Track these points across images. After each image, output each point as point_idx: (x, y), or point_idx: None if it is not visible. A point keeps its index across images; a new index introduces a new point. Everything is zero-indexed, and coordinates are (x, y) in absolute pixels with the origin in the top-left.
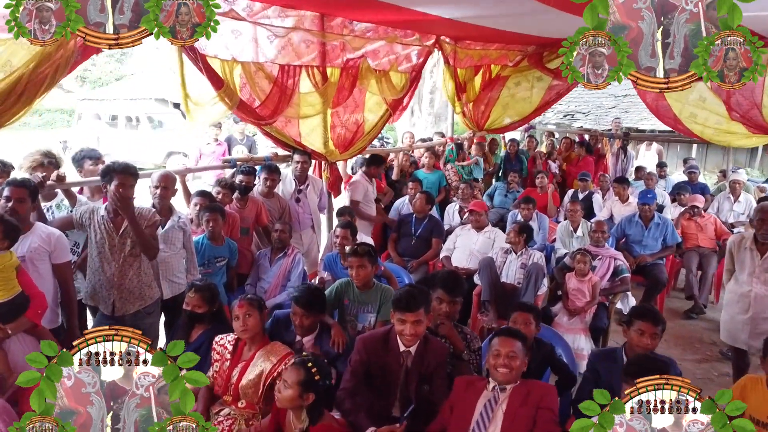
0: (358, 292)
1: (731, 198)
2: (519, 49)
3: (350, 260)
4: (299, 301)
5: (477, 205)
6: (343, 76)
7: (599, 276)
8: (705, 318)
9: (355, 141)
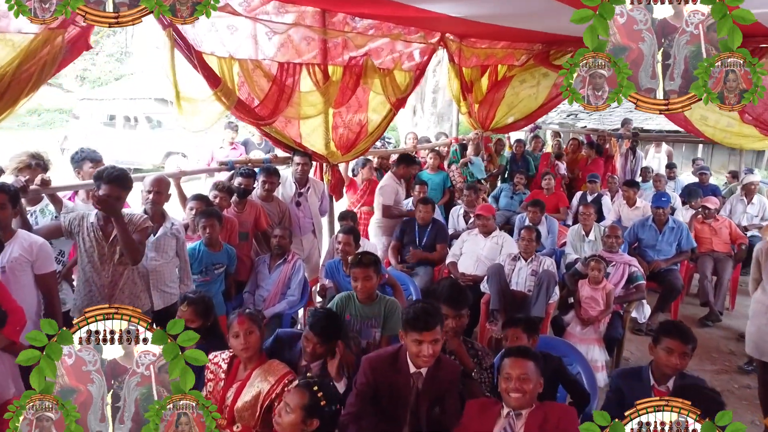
0: (361, 305)
1: (744, 200)
2: (525, 47)
3: (354, 271)
4: (315, 328)
5: (484, 209)
6: (346, 75)
7: (613, 283)
8: (721, 326)
9: (357, 142)
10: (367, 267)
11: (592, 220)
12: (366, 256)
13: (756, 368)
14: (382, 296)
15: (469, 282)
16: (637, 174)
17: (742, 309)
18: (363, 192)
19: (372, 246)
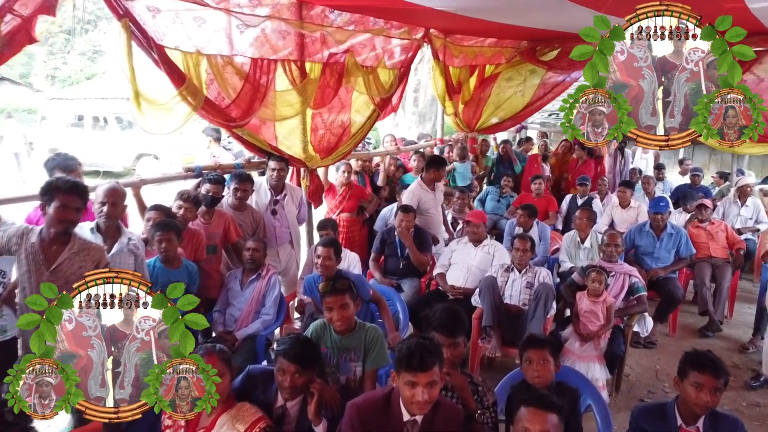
0: (338, 336)
1: (738, 203)
2: (512, 45)
3: (327, 300)
4: (289, 355)
5: (474, 216)
6: (327, 73)
7: (613, 295)
8: (722, 336)
9: (339, 145)
10: (342, 294)
11: (589, 226)
12: (340, 282)
13: (762, 384)
14: (361, 324)
15: (459, 295)
16: (626, 175)
17: (741, 317)
18: (342, 197)
19: (354, 258)
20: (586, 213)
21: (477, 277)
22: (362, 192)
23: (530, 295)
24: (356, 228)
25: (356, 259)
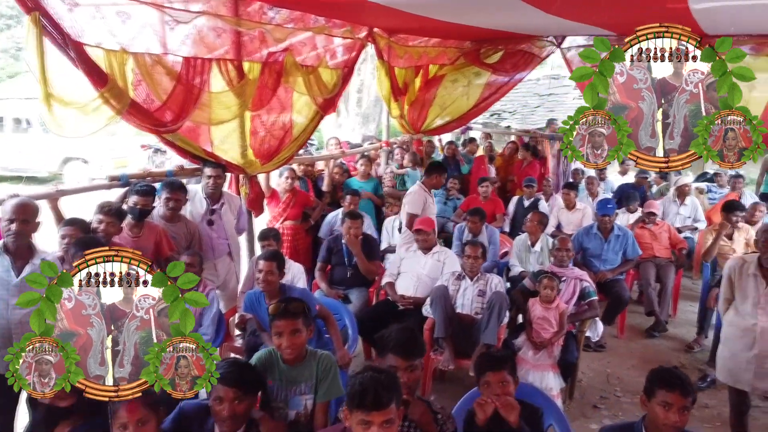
0: (287, 367)
1: (677, 202)
2: (456, 45)
3: (278, 324)
4: (226, 379)
5: (424, 223)
6: (265, 73)
7: (564, 300)
8: (668, 336)
9: (281, 149)
10: (295, 318)
11: (540, 229)
12: (293, 304)
13: (709, 385)
14: (312, 352)
15: (409, 305)
16: (569, 176)
17: (684, 315)
18: (286, 205)
19: (298, 270)
20: (538, 216)
21: (427, 286)
22: (307, 198)
23: (482, 304)
24: (300, 236)
25: (301, 270)
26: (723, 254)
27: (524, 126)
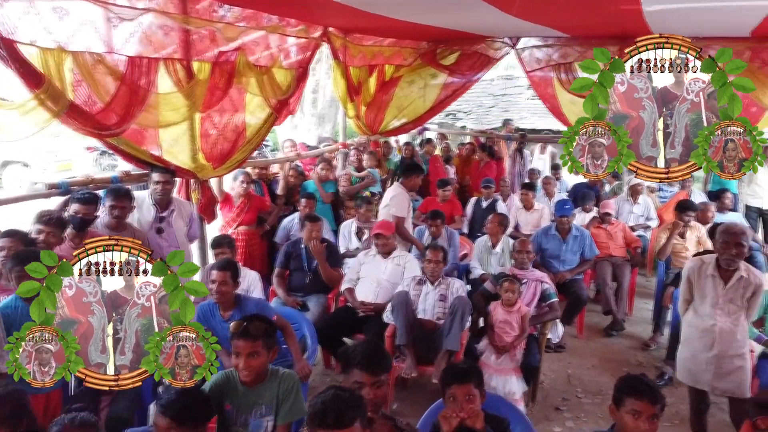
0: (245, 389)
1: (630, 200)
2: (413, 45)
3: (237, 344)
4: (168, 412)
5: (383, 227)
6: (216, 73)
7: (525, 303)
8: (625, 334)
9: (234, 151)
10: (254, 340)
11: (501, 231)
12: (254, 325)
13: (667, 382)
14: (274, 370)
15: (369, 312)
16: (525, 176)
17: (639, 313)
18: (240, 209)
19: (254, 278)
20: (498, 218)
21: (388, 291)
22: (262, 203)
23: (444, 309)
24: (256, 242)
25: (256, 278)
26: (676, 252)
27: (479, 126)
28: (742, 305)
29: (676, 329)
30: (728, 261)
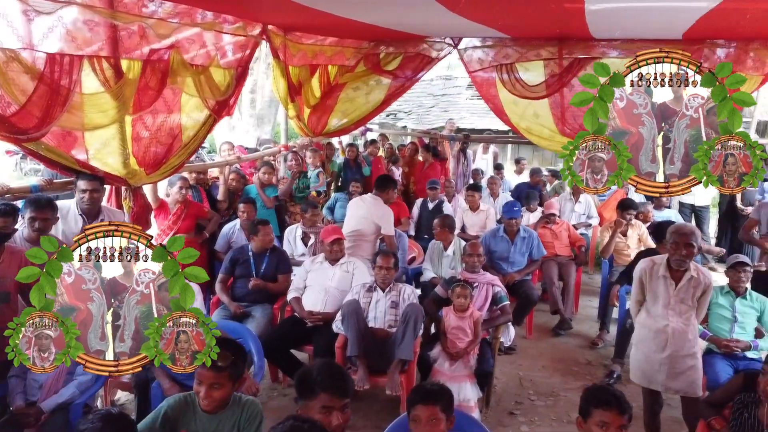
0: (206, 415)
1: (573, 199)
2: (354, 45)
3: (201, 372)
4: None
5: (330, 233)
6: (148, 72)
7: (477, 307)
8: (572, 333)
9: (170, 156)
10: (219, 371)
11: (450, 233)
12: (222, 354)
13: (616, 381)
14: (236, 398)
15: (318, 322)
16: (469, 176)
17: (585, 311)
18: (177, 217)
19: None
20: (441, 221)
21: (337, 300)
22: (200, 209)
23: (395, 316)
24: None
25: (196, 290)
26: (619, 250)
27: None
28: (693, 305)
29: (624, 327)
30: (679, 261)
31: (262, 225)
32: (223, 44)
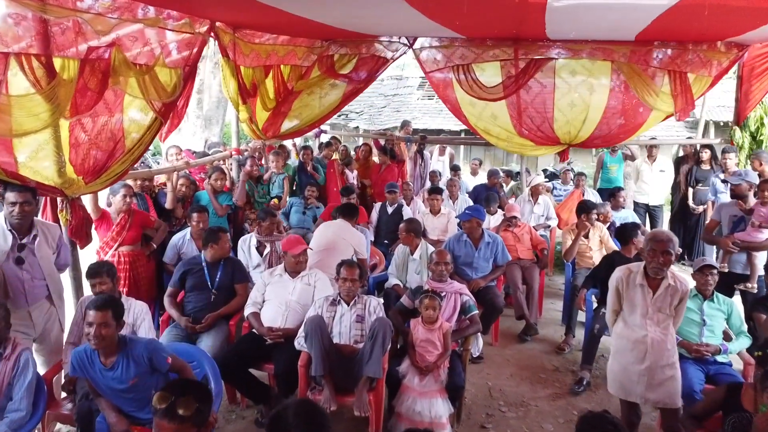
0: None
1: (531, 201)
2: (307, 44)
3: (161, 424)
4: None
5: (295, 243)
6: (86, 72)
7: (446, 318)
8: (538, 338)
9: (112, 162)
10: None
11: (415, 237)
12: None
13: (585, 388)
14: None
15: (279, 339)
16: (426, 179)
17: (548, 314)
18: (120, 227)
19: (141, 310)
20: (405, 226)
21: (298, 314)
22: (146, 218)
23: (362, 330)
24: (141, 263)
25: (143, 310)
26: (581, 253)
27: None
28: (670, 313)
29: (592, 333)
30: (656, 269)
31: (222, 233)
32: (168, 42)
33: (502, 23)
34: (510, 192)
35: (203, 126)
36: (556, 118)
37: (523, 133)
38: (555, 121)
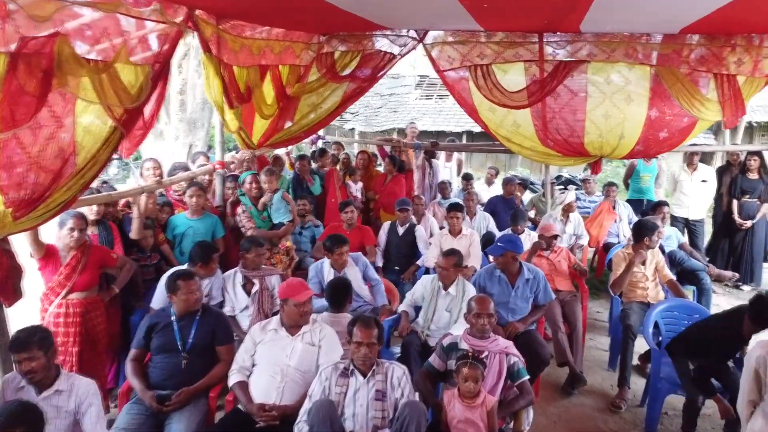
0: None
1: (563, 220)
2: (304, 40)
3: None
4: None
5: (298, 288)
6: (20, 70)
7: (490, 387)
8: (587, 391)
9: (54, 189)
10: None
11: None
12: None
13: None
14: None
15: (273, 420)
16: (436, 190)
17: (590, 352)
18: (71, 268)
19: (86, 391)
20: (453, 259)
21: (298, 386)
22: (105, 255)
23: (383, 412)
24: (98, 315)
25: (90, 391)
26: (633, 283)
27: (369, 128)
28: None
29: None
30: None
31: (182, 279)
32: (134, 33)
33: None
34: (530, 204)
35: (187, 130)
36: (587, 131)
37: (549, 144)
38: (586, 134)
